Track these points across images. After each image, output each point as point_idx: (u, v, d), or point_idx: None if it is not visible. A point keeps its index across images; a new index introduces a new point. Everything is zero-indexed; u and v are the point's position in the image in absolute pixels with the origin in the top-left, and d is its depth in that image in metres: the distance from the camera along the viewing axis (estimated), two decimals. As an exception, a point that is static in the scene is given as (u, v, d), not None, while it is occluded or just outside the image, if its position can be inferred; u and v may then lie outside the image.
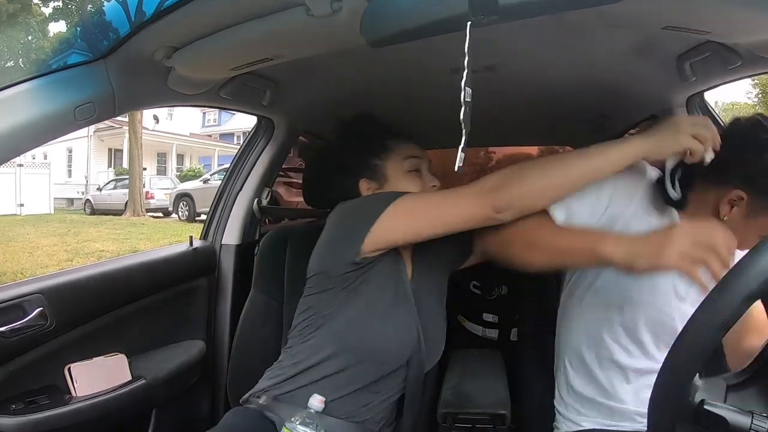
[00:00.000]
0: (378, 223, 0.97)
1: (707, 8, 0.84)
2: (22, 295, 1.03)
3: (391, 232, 0.98)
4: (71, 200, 17.05)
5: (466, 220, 0.95)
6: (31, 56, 11.55)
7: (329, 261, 1.03)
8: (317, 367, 1.01)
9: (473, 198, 0.94)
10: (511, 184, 0.93)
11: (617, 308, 1.03)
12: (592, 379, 1.07)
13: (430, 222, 0.97)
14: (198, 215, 11.33)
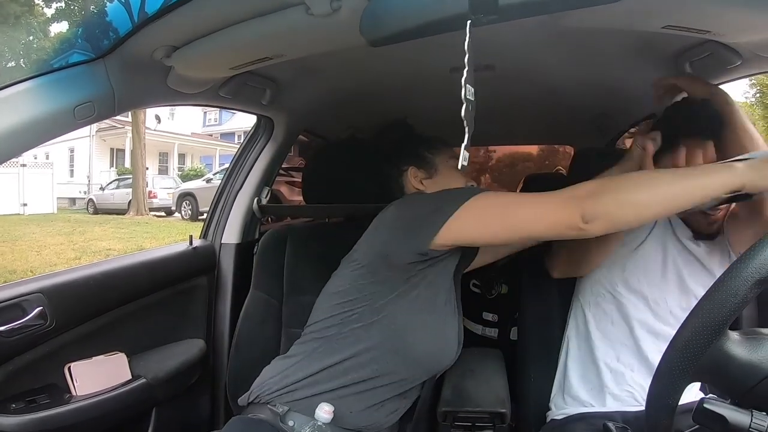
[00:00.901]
0: (454, 218, 0.93)
1: (707, 8, 0.84)
2: (21, 295, 1.03)
3: (465, 228, 0.94)
4: (73, 200, 17.07)
5: (548, 226, 0.89)
6: (32, 56, 11.58)
7: (394, 247, 0.98)
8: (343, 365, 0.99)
9: (562, 203, 0.87)
10: (608, 192, 0.85)
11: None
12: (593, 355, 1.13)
13: (507, 224, 0.93)
14: (201, 214, 11.33)
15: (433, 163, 1.14)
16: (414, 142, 1.17)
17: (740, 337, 0.57)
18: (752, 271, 0.53)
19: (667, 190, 0.85)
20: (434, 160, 1.14)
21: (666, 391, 0.58)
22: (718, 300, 0.54)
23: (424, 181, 1.13)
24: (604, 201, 0.85)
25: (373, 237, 1.05)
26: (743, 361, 0.56)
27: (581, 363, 1.14)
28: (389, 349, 0.98)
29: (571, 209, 0.85)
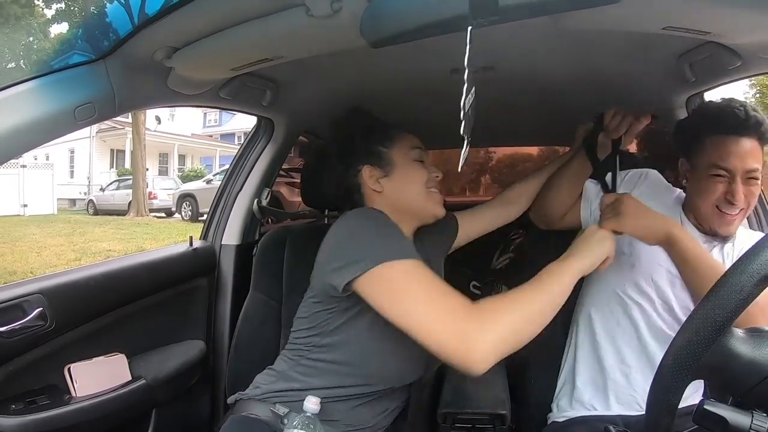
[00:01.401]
0: (367, 275, 0.85)
1: (707, 8, 0.84)
2: (22, 295, 1.03)
3: (370, 294, 0.86)
4: (73, 201, 17.08)
5: (431, 344, 0.80)
6: (33, 57, 11.60)
7: (327, 279, 0.92)
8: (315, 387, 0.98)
9: (450, 325, 0.79)
10: (492, 330, 0.79)
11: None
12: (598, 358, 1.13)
13: (395, 313, 0.84)
14: (201, 215, 11.33)
15: (389, 158, 1.04)
16: (366, 136, 1.06)
17: (744, 334, 0.57)
18: (758, 267, 0.53)
19: (538, 307, 0.84)
20: (390, 154, 1.05)
21: (668, 389, 0.57)
22: (722, 296, 0.53)
23: (381, 180, 1.04)
24: (491, 338, 0.78)
25: (318, 261, 0.99)
26: (746, 359, 0.55)
27: (586, 365, 1.14)
28: (353, 372, 0.97)
29: (458, 340, 0.78)
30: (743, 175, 1.02)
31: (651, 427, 0.60)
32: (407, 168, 1.04)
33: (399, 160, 1.05)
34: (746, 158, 1.02)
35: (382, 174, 1.04)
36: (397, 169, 1.04)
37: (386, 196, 1.04)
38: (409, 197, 1.04)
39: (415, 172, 1.04)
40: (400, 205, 1.04)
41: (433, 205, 1.05)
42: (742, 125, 1.02)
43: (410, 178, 1.04)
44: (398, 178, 1.04)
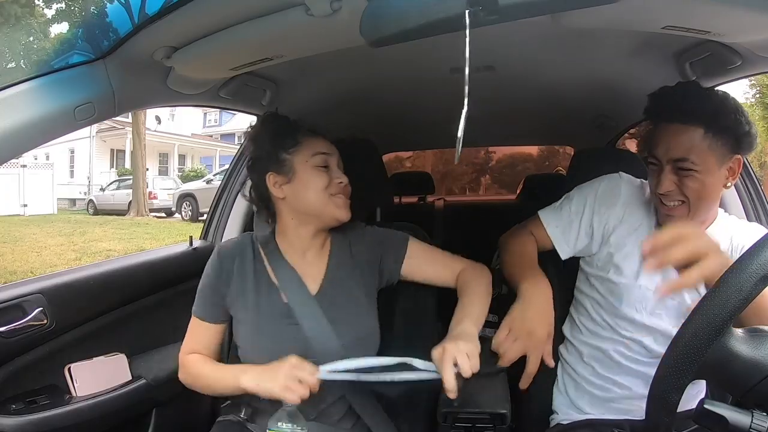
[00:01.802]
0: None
1: (707, 8, 0.84)
2: (22, 295, 1.03)
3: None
4: (73, 201, 17.09)
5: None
6: (33, 57, 11.60)
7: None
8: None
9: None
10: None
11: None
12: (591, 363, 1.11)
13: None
14: (201, 215, 11.33)
15: (291, 165, 1.06)
16: (273, 142, 1.08)
17: (744, 334, 0.57)
18: (757, 267, 0.53)
19: (211, 383, 1.06)
20: (291, 161, 1.06)
21: (668, 388, 0.57)
22: (722, 296, 0.53)
23: (284, 186, 1.06)
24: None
25: None
26: (746, 359, 0.55)
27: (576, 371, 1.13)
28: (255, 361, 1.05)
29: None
30: (671, 164, 0.97)
31: (651, 427, 0.60)
32: (307, 174, 1.06)
33: (299, 166, 1.06)
34: (674, 147, 0.96)
35: (285, 180, 1.06)
36: (297, 175, 1.06)
37: (288, 202, 1.07)
38: (309, 202, 1.05)
39: (315, 178, 1.05)
40: (302, 210, 1.07)
41: (333, 209, 1.06)
42: (672, 111, 0.97)
43: (309, 184, 1.05)
44: (298, 184, 1.05)
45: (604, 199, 1.11)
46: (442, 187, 4.00)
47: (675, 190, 0.98)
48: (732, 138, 0.95)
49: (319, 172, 1.06)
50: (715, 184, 0.98)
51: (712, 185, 0.97)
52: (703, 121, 0.94)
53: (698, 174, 0.95)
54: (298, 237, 1.09)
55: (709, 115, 0.94)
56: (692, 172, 0.95)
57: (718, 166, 0.96)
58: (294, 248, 1.10)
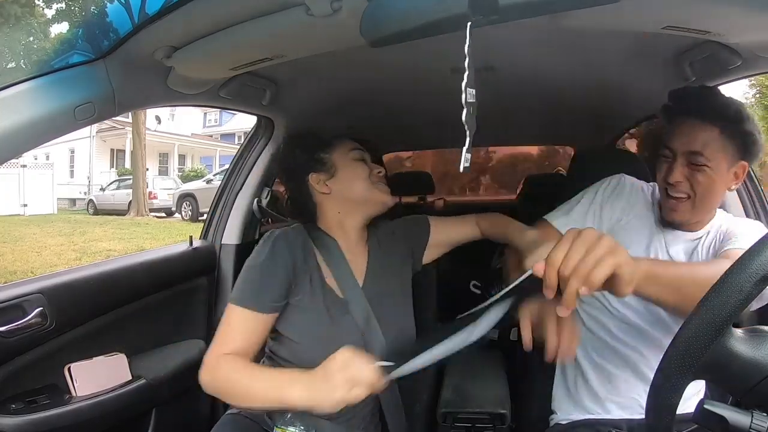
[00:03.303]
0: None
1: (707, 8, 0.84)
2: (22, 295, 1.03)
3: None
4: (73, 200, 17.09)
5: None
6: (33, 57, 11.60)
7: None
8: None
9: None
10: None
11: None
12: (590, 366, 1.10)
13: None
14: (201, 215, 11.33)
15: (331, 162, 1.13)
16: (305, 148, 1.15)
17: (743, 334, 0.57)
18: (758, 267, 0.53)
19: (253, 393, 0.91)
20: (331, 159, 1.13)
21: (668, 389, 0.57)
22: (722, 296, 0.53)
23: (328, 182, 1.12)
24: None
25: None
26: (746, 359, 0.55)
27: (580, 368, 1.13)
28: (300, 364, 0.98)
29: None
30: (685, 157, 1.00)
31: (651, 427, 0.60)
32: (349, 167, 1.12)
33: (340, 161, 1.12)
34: (691, 141, 0.99)
35: (328, 176, 1.12)
36: (340, 169, 1.12)
37: (334, 196, 1.12)
38: (356, 191, 1.11)
39: (358, 169, 1.12)
40: (350, 200, 1.12)
41: (379, 194, 1.12)
42: (693, 107, 1.00)
43: (354, 174, 1.12)
44: (343, 177, 1.12)
45: (611, 193, 1.14)
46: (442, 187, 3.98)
47: (685, 182, 1.01)
48: (743, 144, 1.00)
49: (360, 163, 1.13)
50: (722, 184, 1.02)
51: (719, 184, 1.01)
52: (720, 122, 0.98)
53: (709, 170, 0.99)
54: (344, 231, 1.13)
55: (727, 117, 0.98)
56: (704, 167, 0.99)
57: (727, 168, 1.00)
58: (341, 242, 1.12)
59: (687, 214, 1.04)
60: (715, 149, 0.98)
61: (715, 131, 0.98)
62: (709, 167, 0.99)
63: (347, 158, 1.13)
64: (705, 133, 0.99)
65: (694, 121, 1.00)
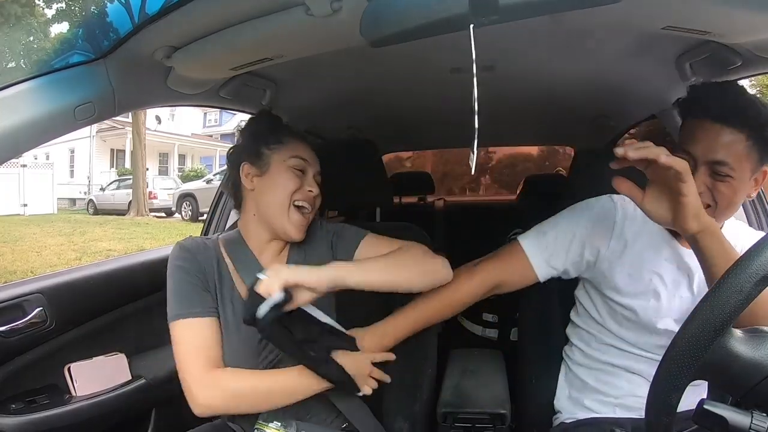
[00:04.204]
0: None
1: (707, 8, 0.84)
2: (22, 295, 1.03)
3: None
4: (73, 200, 17.09)
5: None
6: (33, 57, 11.60)
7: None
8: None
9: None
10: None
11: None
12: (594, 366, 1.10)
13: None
14: (201, 215, 11.33)
15: (268, 160, 1.04)
16: (256, 135, 1.07)
17: (743, 334, 0.57)
18: (757, 267, 0.53)
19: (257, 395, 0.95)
20: (270, 156, 1.04)
21: (668, 389, 0.57)
22: (722, 296, 0.53)
23: (255, 178, 1.04)
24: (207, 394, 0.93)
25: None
26: (746, 359, 0.55)
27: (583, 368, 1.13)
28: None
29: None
30: (707, 165, 0.91)
31: (651, 427, 0.60)
32: (281, 172, 1.03)
33: (275, 163, 1.04)
34: (715, 148, 0.90)
35: (257, 173, 1.04)
36: (271, 170, 1.04)
37: (254, 197, 1.05)
38: (271, 203, 1.03)
39: (286, 179, 1.03)
40: (262, 209, 1.04)
41: (287, 222, 1.03)
42: (719, 110, 0.91)
43: (279, 182, 1.03)
44: (269, 180, 1.03)
45: (596, 229, 1.05)
46: (442, 187, 3.99)
47: (706, 192, 0.92)
48: (766, 148, 0.91)
49: (293, 174, 1.03)
50: (744, 193, 0.94)
51: (741, 194, 0.94)
52: (748, 127, 0.89)
53: (734, 181, 0.91)
54: (257, 235, 1.06)
55: (755, 121, 0.90)
56: (728, 178, 0.91)
57: (751, 175, 0.93)
58: (253, 244, 1.07)
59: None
60: (741, 158, 0.90)
61: (742, 137, 0.89)
62: (733, 178, 0.90)
63: (284, 163, 1.03)
64: (731, 139, 0.90)
65: (721, 125, 0.90)
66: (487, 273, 1.09)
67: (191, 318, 0.98)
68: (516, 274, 1.09)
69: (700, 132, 0.93)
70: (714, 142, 0.91)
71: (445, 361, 1.26)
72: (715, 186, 0.92)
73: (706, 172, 0.92)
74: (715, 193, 0.92)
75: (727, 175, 0.90)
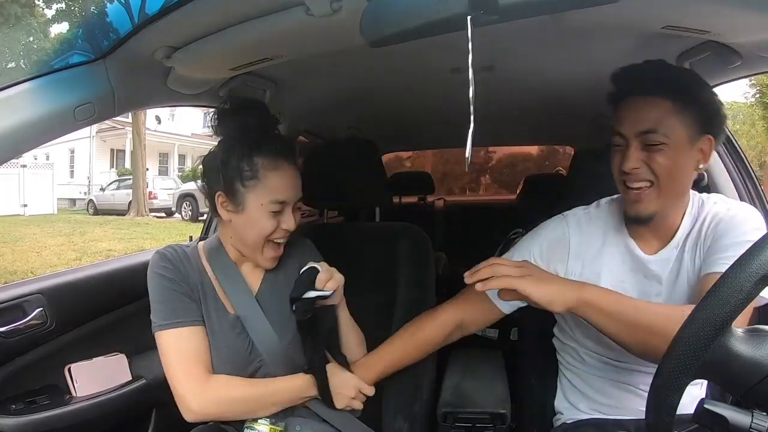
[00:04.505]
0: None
1: (707, 8, 0.84)
2: (22, 295, 1.03)
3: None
4: (73, 200, 17.09)
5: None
6: (33, 57, 11.61)
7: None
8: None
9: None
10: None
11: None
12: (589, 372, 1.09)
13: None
14: (201, 215, 11.33)
15: (243, 199, 0.98)
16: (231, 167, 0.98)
17: (744, 334, 0.57)
18: (757, 267, 0.53)
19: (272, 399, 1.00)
20: (245, 196, 0.98)
21: (668, 389, 0.57)
22: (722, 296, 0.53)
23: (231, 213, 1.00)
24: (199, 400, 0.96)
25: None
26: (746, 358, 0.55)
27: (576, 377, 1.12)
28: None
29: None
30: (637, 139, 0.90)
31: (651, 427, 0.60)
32: (257, 216, 0.99)
33: (252, 205, 0.99)
34: (641, 119, 0.89)
35: (234, 209, 1.00)
36: (247, 211, 0.99)
37: (231, 229, 1.03)
38: (246, 240, 1.02)
39: (263, 223, 0.99)
40: (239, 243, 1.04)
41: (260, 257, 1.03)
42: (636, 83, 0.91)
43: (256, 225, 0.99)
44: (244, 218, 1.00)
45: (552, 253, 1.04)
46: (442, 187, 3.99)
47: (643, 167, 0.91)
48: (703, 114, 0.90)
49: (270, 217, 0.99)
50: (687, 164, 0.92)
51: (683, 164, 0.91)
52: (671, 93, 0.89)
53: (668, 149, 0.89)
54: (235, 251, 1.06)
55: (677, 86, 0.90)
56: (662, 146, 0.89)
57: (690, 144, 0.90)
58: (232, 255, 1.07)
59: (653, 204, 0.92)
60: (671, 124, 0.88)
61: (667, 103, 0.89)
62: (667, 145, 0.89)
63: (260, 207, 0.98)
64: (655, 106, 0.89)
65: (641, 96, 0.90)
66: (447, 314, 1.08)
67: (179, 327, 0.98)
68: (478, 312, 1.08)
69: (625, 110, 0.93)
70: (639, 113, 0.90)
71: (445, 360, 1.26)
72: (650, 158, 0.90)
73: (639, 147, 0.91)
74: (652, 165, 0.90)
75: (660, 143, 0.89)
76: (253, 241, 1.01)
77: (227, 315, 1.03)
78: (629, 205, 0.95)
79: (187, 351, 0.98)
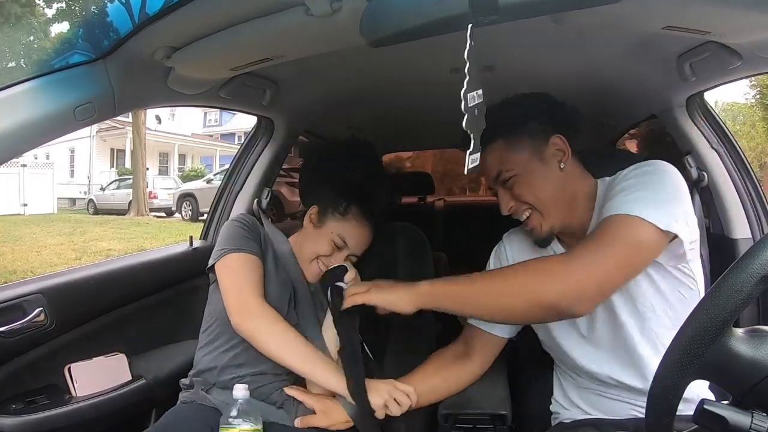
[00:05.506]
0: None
1: (707, 8, 0.84)
2: (22, 295, 1.03)
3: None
4: (73, 200, 17.10)
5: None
6: (33, 57, 11.61)
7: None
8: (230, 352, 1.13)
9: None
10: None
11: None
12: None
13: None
14: (201, 215, 11.34)
15: (325, 220, 1.18)
16: (333, 197, 1.18)
17: (744, 334, 0.57)
18: (758, 267, 0.52)
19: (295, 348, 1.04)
20: (327, 220, 1.18)
21: (668, 389, 0.57)
22: (722, 296, 0.53)
23: (311, 226, 1.20)
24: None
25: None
26: (747, 359, 0.55)
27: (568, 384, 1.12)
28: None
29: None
30: (497, 183, 1.00)
31: (650, 428, 0.60)
32: (324, 239, 1.17)
33: (327, 228, 1.17)
34: (486, 169, 1.00)
35: (316, 222, 1.19)
36: (321, 231, 1.18)
37: (302, 236, 1.22)
38: (306, 248, 1.19)
39: (323, 245, 1.17)
40: (299, 250, 1.21)
41: (307, 270, 1.20)
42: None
43: (317, 244, 1.17)
44: (316, 233, 1.18)
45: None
46: (442, 187, 3.99)
47: (515, 203, 0.99)
48: (534, 129, 0.98)
49: (331, 246, 1.16)
50: (546, 177, 0.97)
51: (543, 179, 0.97)
52: (500, 134, 0.96)
53: (521, 177, 0.97)
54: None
55: (503, 126, 0.96)
56: (513, 178, 0.97)
57: (538, 159, 0.97)
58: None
59: (545, 224, 0.98)
60: (509, 158, 0.97)
61: (500, 143, 0.98)
62: (518, 174, 0.97)
63: (330, 234, 1.16)
64: (491, 152, 0.98)
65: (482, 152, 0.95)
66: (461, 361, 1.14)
67: (243, 252, 1.11)
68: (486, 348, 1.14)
69: (482, 167, 0.97)
70: (485, 164, 0.98)
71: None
72: (513, 193, 0.98)
73: (503, 191, 1.00)
74: (520, 198, 0.98)
75: (511, 177, 0.97)
76: (309, 254, 1.18)
77: (288, 290, 1.17)
78: (532, 235, 1.02)
79: (248, 272, 1.09)
